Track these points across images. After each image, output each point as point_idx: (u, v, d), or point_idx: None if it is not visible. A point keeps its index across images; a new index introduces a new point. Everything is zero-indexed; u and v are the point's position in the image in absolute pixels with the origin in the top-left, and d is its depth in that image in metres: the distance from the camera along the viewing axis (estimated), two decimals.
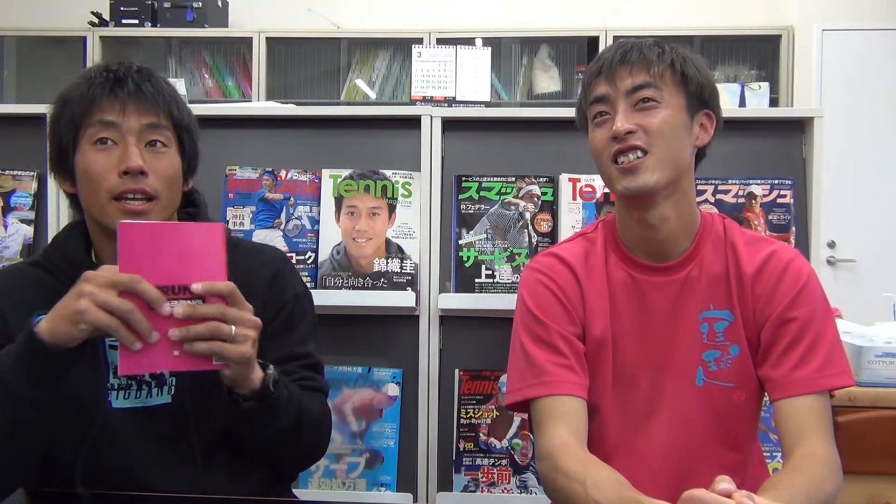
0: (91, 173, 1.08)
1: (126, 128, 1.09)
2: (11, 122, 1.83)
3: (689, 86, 1.15)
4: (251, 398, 1.04)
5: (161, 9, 4.19)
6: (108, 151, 1.08)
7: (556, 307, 1.19)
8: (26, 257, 1.76)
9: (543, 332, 1.18)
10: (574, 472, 1.03)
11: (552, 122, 1.77)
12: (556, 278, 1.21)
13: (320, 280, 1.67)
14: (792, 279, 1.15)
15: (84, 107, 1.09)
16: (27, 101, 3.69)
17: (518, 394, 1.18)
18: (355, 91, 4.29)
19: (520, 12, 4.39)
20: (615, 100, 1.14)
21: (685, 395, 1.17)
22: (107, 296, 0.91)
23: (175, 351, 0.94)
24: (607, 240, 1.24)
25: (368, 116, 1.82)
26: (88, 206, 1.11)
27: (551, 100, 4.19)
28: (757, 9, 4.29)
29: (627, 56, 1.15)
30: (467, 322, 1.72)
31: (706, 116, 1.19)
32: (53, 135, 1.12)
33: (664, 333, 1.18)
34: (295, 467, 1.28)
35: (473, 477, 1.68)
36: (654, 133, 1.12)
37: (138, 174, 1.07)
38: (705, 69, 1.19)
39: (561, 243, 1.31)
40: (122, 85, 1.10)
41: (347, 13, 4.41)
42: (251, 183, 1.71)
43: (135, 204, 1.08)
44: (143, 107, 1.10)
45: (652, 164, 1.12)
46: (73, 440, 1.07)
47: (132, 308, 0.92)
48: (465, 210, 1.71)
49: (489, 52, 2.32)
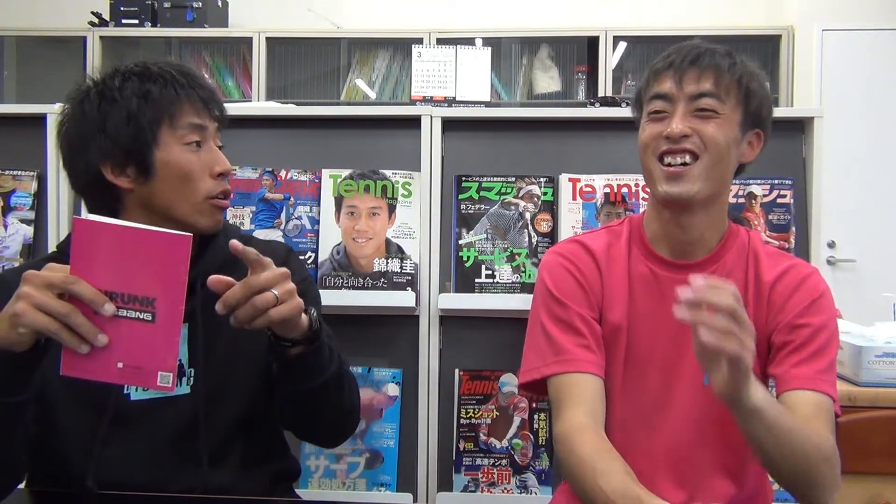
0: (189, 173, 1.11)
1: (210, 131, 1.14)
2: (11, 122, 1.83)
3: (750, 103, 1.15)
4: (300, 341, 1.04)
5: (161, 9, 4.19)
6: (199, 153, 1.12)
7: (576, 290, 1.22)
8: (27, 257, 1.76)
9: (563, 313, 1.20)
10: (586, 458, 1.06)
11: (552, 122, 1.77)
12: (577, 263, 1.23)
13: (320, 280, 1.67)
14: (808, 290, 1.18)
15: (175, 108, 1.10)
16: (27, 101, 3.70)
17: (536, 372, 1.20)
18: (355, 91, 4.29)
19: (520, 12, 4.39)
20: (676, 100, 1.14)
21: (692, 393, 1.18)
22: (44, 297, 0.88)
23: (119, 363, 0.91)
24: (632, 234, 1.25)
25: (368, 116, 1.82)
26: (173, 204, 1.11)
27: (551, 100, 4.19)
28: (757, 9, 4.29)
29: (700, 59, 1.13)
30: (467, 322, 1.72)
31: (756, 135, 1.19)
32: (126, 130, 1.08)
33: (678, 330, 1.18)
34: (335, 431, 1.26)
35: (473, 477, 1.68)
36: (709, 142, 1.12)
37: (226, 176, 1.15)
38: (766, 88, 1.18)
39: (586, 232, 1.33)
40: (201, 87, 1.13)
41: (347, 13, 4.41)
42: (251, 183, 1.71)
43: (225, 201, 1.16)
44: (215, 110, 1.15)
45: (699, 172, 1.12)
46: (87, 434, 1.08)
47: (71, 310, 0.89)
48: (465, 210, 1.71)
49: (489, 52, 2.32)
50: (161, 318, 0.90)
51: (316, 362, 1.08)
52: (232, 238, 1.20)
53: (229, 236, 1.20)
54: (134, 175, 1.10)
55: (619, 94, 4.08)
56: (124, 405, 1.10)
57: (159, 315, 0.90)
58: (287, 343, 1.04)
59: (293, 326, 1.01)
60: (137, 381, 0.93)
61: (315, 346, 1.06)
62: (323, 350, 1.08)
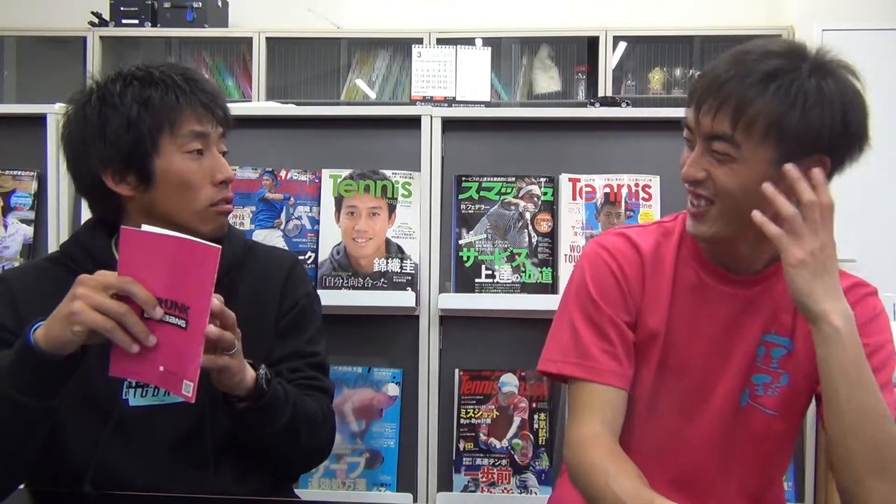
0: (189, 182, 1.10)
1: (213, 137, 1.13)
2: (11, 122, 1.83)
3: (786, 138, 0.98)
4: (246, 398, 1.05)
5: (161, 9, 4.19)
6: (200, 161, 1.12)
7: (615, 291, 1.14)
8: (27, 257, 1.76)
9: (595, 314, 1.13)
10: (598, 462, 1.02)
11: (552, 122, 1.77)
12: (621, 261, 1.15)
13: (320, 280, 1.67)
14: (864, 309, 1.10)
15: (175, 115, 1.09)
16: (27, 101, 3.70)
17: (554, 366, 1.14)
18: (355, 91, 4.29)
19: (520, 12, 4.39)
20: (697, 135, 1.04)
21: (725, 411, 1.13)
22: (100, 297, 0.91)
23: (161, 367, 0.93)
24: (684, 235, 1.16)
25: (368, 116, 1.82)
26: (174, 212, 1.11)
27: (551, 100, 4.19)
28: (757, 9, 4.29)
29: (721, 89, 0.99)
30: (467, 322, 1.73)
31: (817, 162, 1.01)
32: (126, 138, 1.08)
33: (719, 345, 1.13)
34: (299, 467, 1.29)
35: (473, 477, 1.68)
36: (720, 189, 1.02)
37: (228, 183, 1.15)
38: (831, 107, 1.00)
39: (635, 226, 1.23)
40: (203, 92, 1.12)
41: (347, 13, 4.41)
42: (251, 183, 1.71)
43: (227, 207, 1.16)
44: (220, 115, 1.14)
45: (714, 215, 1.05)
46: (87, 438, 1.08)
47: (126, 310, 0.92)
48: (465, 210, 1.71)
49: (489, 52, 2.32)
50: (191, 327, 0.92)
51: (263, 415, 1.07)
52: (236, 245, 1.21)
53: (234, 243, 1.20)
54: (135, 183, 1.10)
55: (618, 94, 4.09)
56: (123, 411, 1.10)
57: (190, 323, 0.92)
58: (234, 398, 1.05)
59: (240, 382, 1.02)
60: (170, 387, 0.95)
61: (261, 404, 1.06)
62: (272, 404, 1.07)
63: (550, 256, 1.69)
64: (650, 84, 4.20)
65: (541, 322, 1.35)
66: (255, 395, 1.05)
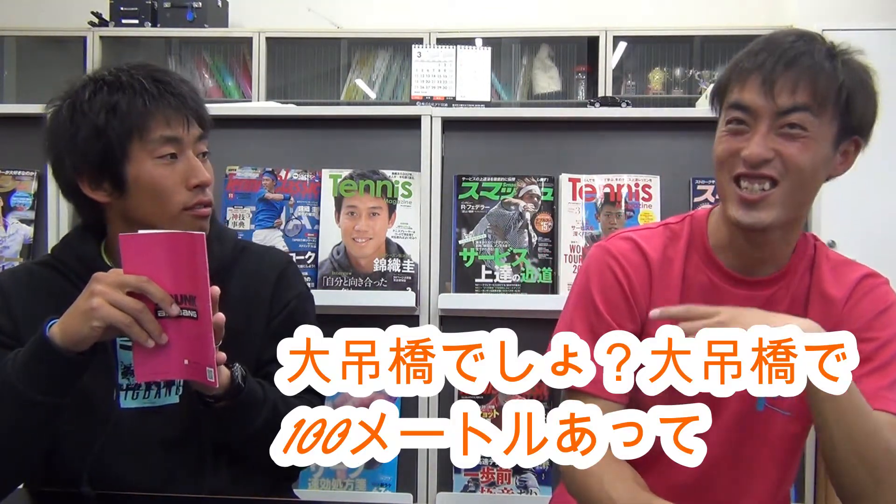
0: (161, 188, 1.09)
1: (187, 141, 1.11)
2: (11, 122, 1.83)
3: (852, 115, 0.99)
4: (223, 397, 1.05)
5: (161, 9, 4.19)
6: (173, 166, 1.10)
7: (620, 301, 1.11)
8: (27, 257, 1.76)
9: (598, 324, 1.10)
10: (593, 468, 0.98)
11: (552, 122, 1.77)
12: (627, 267, 1.12)
13: (320, 280, 1.67)
14: (874, 301, 1.08)
15: (144, 121, 1.07)
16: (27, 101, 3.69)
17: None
18: (355, 91, 4.29)
19: (520, 12, 4.39)
20: (761, 115, 0.99)
21: (742, 417, 1.11)
22: (118, 295, 0.94)
23: (185, 360, 0.96)
24: (693, 238, 1.14)
25: (368, 116, 1.82)
26: (150, 218, 1.10)
27: (551, 100, 4.19)
28: (757, 9, 4.29)
29: (796, 62, 0.96)
30: (467, 322, 1.72)
31: (853, 143, 1.04)
32: (96, 145, 1.07)
33: None
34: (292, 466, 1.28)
35: (473, 477, 1.68)
36: (792, 167, 0.98)
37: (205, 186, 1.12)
38: (873, 88, 1.02)
39: (641, 228, 1.19)
40: (173, 95, 1.09)
41: (347, 13, 4.41)
42: (251, 183, 1.71)
43: (204, 210, 1.13)
44: (194, 117, 1.12)
45: (778, 198, 1.00)
46: (80, 440, 1.08)
47: (143, 307, 0.94)
48: (465, 210, 1.71)
49: (489, 52, 2.32)
50: (201, 315, 0.95)
51: (242, 414, 1.08)
52: (226, 245, 1.20)
53: (224, 243, 1.19)
54: (110, 189, 1.09)
55: (618, 94, 4.09)
56: (115, 413, 1.10)
57: (200, 312, 0.95)
58: (210, 399, 1.05)
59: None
60: (197, 376, 0.97)
61: (239, 401, 1.06)
62: (249, 402, 1.08)
63: (550, 256, 1.69)
64: (650, 84, 4.20)
65: (541, 322, 1.35)
66: (232, 392, 1.05)
